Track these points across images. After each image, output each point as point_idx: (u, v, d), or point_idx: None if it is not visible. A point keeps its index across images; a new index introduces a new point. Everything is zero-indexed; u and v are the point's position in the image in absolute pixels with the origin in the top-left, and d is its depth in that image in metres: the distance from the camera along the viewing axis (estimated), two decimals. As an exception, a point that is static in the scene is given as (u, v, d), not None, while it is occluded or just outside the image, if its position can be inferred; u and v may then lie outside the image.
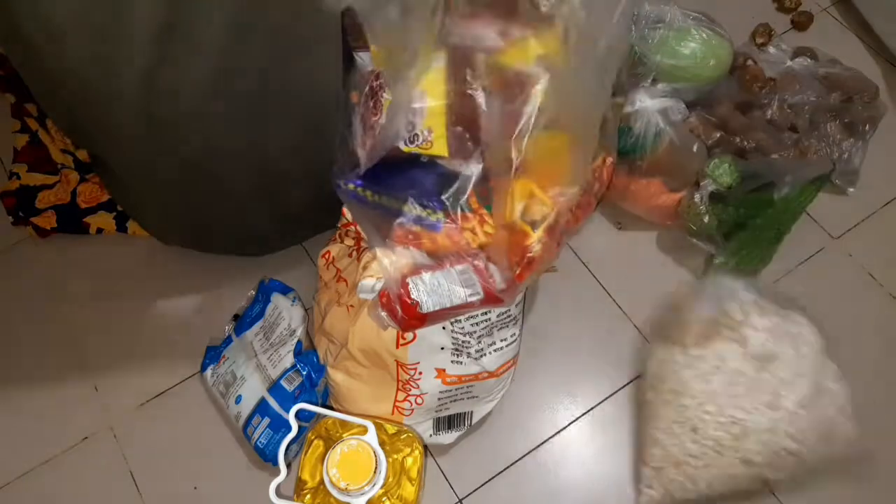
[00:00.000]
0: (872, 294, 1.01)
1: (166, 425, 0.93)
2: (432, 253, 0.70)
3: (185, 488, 0.89)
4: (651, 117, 0.93)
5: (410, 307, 0.67)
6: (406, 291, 0.67)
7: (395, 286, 0.68)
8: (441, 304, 0.67)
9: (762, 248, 0.97)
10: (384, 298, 0.69)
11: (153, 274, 1.02)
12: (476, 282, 0.68)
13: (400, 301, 0.67)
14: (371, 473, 0.68)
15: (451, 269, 0.68)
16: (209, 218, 0.89)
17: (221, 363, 0.91)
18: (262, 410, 0.85)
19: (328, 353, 0.84)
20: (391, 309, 0.68)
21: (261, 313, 0.93)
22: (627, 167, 0.96)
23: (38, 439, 0.92)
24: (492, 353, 0.79)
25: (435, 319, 0.70)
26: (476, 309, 0.71)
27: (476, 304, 0.68)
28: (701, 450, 0.80)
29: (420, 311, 0.67)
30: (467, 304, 0.68)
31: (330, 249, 0.83)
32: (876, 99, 1.08)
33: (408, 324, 0.70)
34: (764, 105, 1.05)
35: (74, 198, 1.05)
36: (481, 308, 0.71)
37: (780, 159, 1.00)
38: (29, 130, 1.10)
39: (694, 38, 0.96)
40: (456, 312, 0.70)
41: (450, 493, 0.89)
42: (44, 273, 1.04)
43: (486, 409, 0.87)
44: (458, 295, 0.68)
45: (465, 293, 0.68)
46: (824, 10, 1.26)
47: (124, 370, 0.96)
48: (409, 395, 0.80)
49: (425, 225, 0.69)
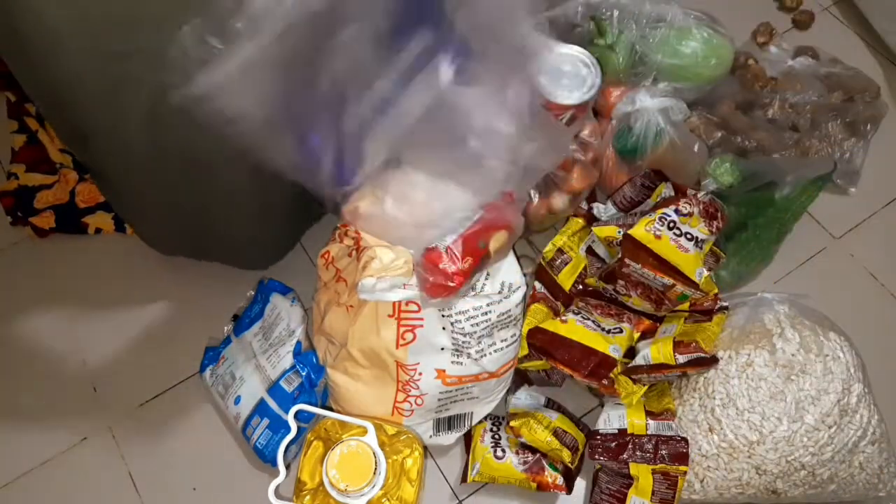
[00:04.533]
0: (874, 294, 1.01)
1: (165, 426, 0.93)
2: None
3: (184, 489, 0.89)
4: (652, 117, 0.93)
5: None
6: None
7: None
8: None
9: (763, 248, 0.97)
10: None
11: (152, 274, 1.02)
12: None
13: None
14: (370, 474, 0.67)
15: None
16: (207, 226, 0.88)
17: (220, 364, 0.90)
18: (261, 411, 0.85)
19: (327, 354, 0.84)
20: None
21: (260, 313, 0.92)
22: (628, 167, 0.95)
23: (36, 440, 0.92)
24: (492, 353, 0.78)
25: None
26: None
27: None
28: (714, 451, 0.80)
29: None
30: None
31: (329, 249, 0.83)
32: (877, 98, 1.08)
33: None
34: (765, 104, 1.05)
35: (73, 198, 1.05)
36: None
37: (782, 159, 0.99)
38: (27, 130, 1.09)
39: (695, 38, 0.96)
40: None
41: (450, 495, 0.88)
42: (42, 273, 1.04)
43: (487, 409, 0.87)
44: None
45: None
46: (825, 9, 1.25)
47: (123, 371, 0.96)
48: (408, 396, 0.80)
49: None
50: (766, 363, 0.81)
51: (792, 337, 0.82)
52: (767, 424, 0.78)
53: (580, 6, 0.97)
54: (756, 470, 0.79)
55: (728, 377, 0.81)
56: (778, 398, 0.79)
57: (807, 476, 0.79)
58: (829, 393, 0.79)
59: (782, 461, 0.78)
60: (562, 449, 0.82)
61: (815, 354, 0.81)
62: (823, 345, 0.82)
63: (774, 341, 0.82)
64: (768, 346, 0.82)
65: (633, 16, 0.94)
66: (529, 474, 0.83)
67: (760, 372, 0.80)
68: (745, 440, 0.79)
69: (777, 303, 0.86)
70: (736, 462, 0.79)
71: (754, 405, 0.79)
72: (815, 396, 0.79)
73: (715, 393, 0.81)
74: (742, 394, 0.80)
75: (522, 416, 0.84)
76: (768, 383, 0.80)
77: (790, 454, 0.78)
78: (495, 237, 0.73)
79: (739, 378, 0.81)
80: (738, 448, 0.79)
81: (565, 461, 0.82)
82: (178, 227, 0.91)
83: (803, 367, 0.80)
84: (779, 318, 0.84)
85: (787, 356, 0.81)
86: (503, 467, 0.84)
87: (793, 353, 0.81)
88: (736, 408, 0.80)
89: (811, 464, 0.78)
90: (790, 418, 0.78)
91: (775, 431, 0.78)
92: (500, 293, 0.75)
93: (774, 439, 0.78)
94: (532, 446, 0.83)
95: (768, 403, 0.79)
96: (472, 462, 0.85)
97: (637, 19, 0.94)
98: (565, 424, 0.85)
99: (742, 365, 0.81)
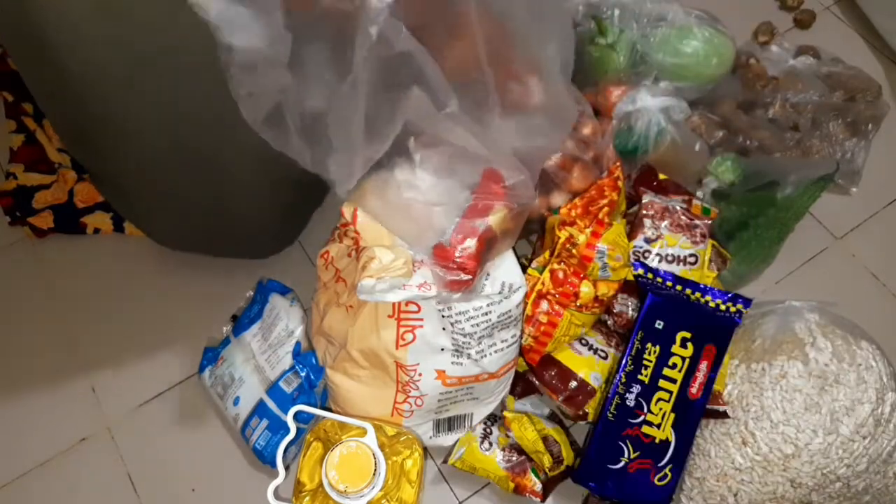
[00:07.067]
0: (875, 294, 1.00)
1: (164, 427, 0.93)
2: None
3: (183, 490, 0.89)
4: (653, 116, 0.93)
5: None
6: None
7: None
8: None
9: (764, 248, 0.96)
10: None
11: (150, 274, 1.02)
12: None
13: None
14: (370, 476, 0.67)
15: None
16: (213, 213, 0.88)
17: (219, 364, 0.90)
18: (260, 412, 0.85)
19: (327, 354, 0.83)
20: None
21: (259, 314, 0.92)
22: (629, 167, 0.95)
23: (35, 440, 0.92)
24: (492, 354, 0.78)
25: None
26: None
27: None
28: (748, 464, 0.78)
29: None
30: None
31: (329, 249, 0.83)
32: (879, 98, 1.08)
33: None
34: (766, 104, 1.05)
35: (72, 197, 1.05)
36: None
37: (784, 158, 0.99)
38: (26, 130, 1.09)
39: (696, 37, 0.96)
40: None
41: (450, 496, 0.88)
42: (41, 273, 1.03)
43: (487, 410, 0.86)
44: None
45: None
46: (827, 8, 1.25)
47: (122, 371, 0.96)
48: (408, 397, 0.79)
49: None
50: (799, 374, 0.79)
51: (824, 346, 0.80)
52: (803, 437, 0.77)
53: (581, 5, 0.97)
54: (791, 483, 0.77)
55: (762, 389, 0.80)
56: (812, 410, 0.77)
57: (842, 488, 0.78)
58: (863, 403, 0.77)
59: (818, 474, 0.77)
60: (545, 453, 0.82)
61: (848, 364, 0.79)
62: (856, 354, 0.80)
63: (807, 351, 0.80)
64: (801, 357, 0.80)
65: (634, 15, 0.94)
66: (511, 474, 0.83)
67: (794, 383, 0.78)
68: (779, 453, 0.77)
69: (807, 311, 0.84)
70: (770, 475, 0.78)
71: (789, 417, 0.78)
72: (849, 407, 0.77)
73: (749, 406, 0.80)
74: (776, 406, 0.78)
75: (519, 414, 0.85)
76: (803, 395, 0.78)
77: (825, 466, 0.76)
78: (495, 216, 0.71)
79: (773, 390, 0.79)
80: (772, 461, 0.77)
81: (545, 466, 0.82)
82: (186, 218, 0.90)
83: (837, 377, 0.78)
84: (810, 326, 0.83)
85: (821, 366, 0.79)
86: (486, 460, 0.83)
87: (826, 362, 0.79)
88: (770, 420, 0.78)
89: (846, 475, 0.77)
90: (825, 430, 0.76)
91: (811, 444, 0.76)
92: (501, 293, 0.75)
93: (810, 452, 0.76)
94: (519, 446, 0.83)
95: (803, 415, 0.77)
96: (458, 447, 0.85)
97: (638, 18, 0.94)
98: (559, 437, 0.85)
99: (776, 377, 0.80)
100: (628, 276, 0.85)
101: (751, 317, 0.87)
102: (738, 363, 0.84)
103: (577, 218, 0.82)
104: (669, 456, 0.79)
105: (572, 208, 0.83)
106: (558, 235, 0.82)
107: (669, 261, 0.85)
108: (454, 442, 0.87)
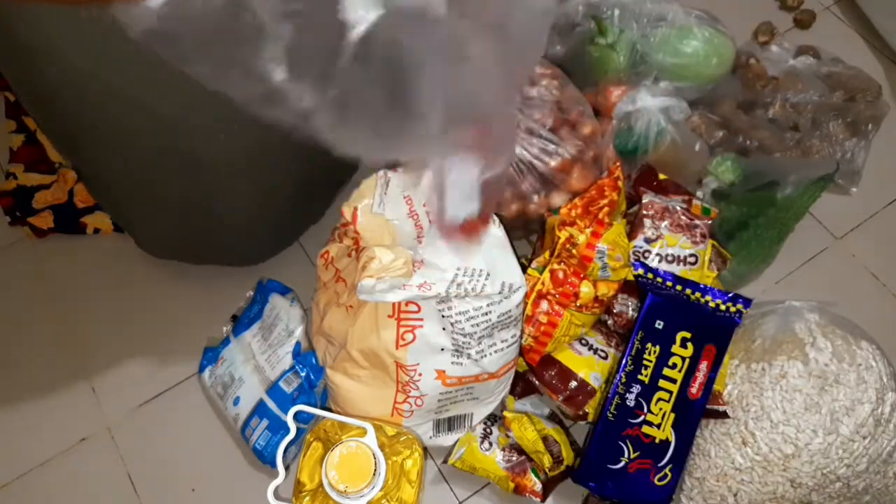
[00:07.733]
0: (875, 294, 1.00)
1: (164, 427, 0.93)
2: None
3: (183, 490, 0.89)
4: (653, 116, 0.93)
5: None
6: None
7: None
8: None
9: (764, 248, 0.96)
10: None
11: (150, 274, 1.02)
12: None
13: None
14: (370, 476, 0.67)
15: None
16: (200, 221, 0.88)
17: (219, 364, 0.90)
18: (260, 412, 0.85)
19: (327, 354, 0.83)
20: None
21: (259, 314, 0.92)
22: (629, 167, 0.95)
23: (35, 440, 0.92)
24: (492, 353, 0.78)
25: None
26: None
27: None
28: (748, 464, 0.78)
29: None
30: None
31: (329, 249, 0.83)
32: (879, 98, 1.08)
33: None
34: (766, 104, 1.05)
35: (72, 198, 1.05)
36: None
37: (784, 158, 0.99)
38: (26, 130, 1.09)
39: (696, 37, 0.96)
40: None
41: (450, 496, 0.88)
42: (41, 273, 1.03)
43: (487, 410, 0.86)
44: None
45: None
46: (827, 8, 1.25)
47: (122, 371, 0.96)
48: (408, 397, 0.79)
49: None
50: (799, 374, 0.79)
51: (824, 346, 0.80)
52: (803, 437, 0.77)
53: (581, 5, 0.97)
54: (791, 483, 0.77)
55: (762, 389, 0.79)
56: (812, 410, 0.77)
57: (842, 488, 0.78)
58: (863, 403, 0.77)
59: (818, 474, 0.77)
60: (544, 453, 0.82)
61: (849, 364, 0.79)
62: (856, 354, 0.80)
63: (807, 351, 0.80)
64: (801, 357, 0.80)
65: (634, 15, 0.94)
66: (511, 474, 0.83)
67: (795, 383, 0.78)
68: (779, 453, 0.77)
69: (807, 311, 0.84)
70: (771, 475, 0.78)
71: (789, 417, 0.78)
72: (849, 407, 0.77)
73: (749, 406, 0.80)
74: (776, 406, 0.78)
75: (519, 414, 0.84)
76: (803, 395, 0.78)
77: (826, 466, 0.76)
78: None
79: (773, 390, 0.79)
80: (772, 461, 0.77)
81: (545, 466, 0.82)
82: (174, 228, 0.90)
83: (837, 377, 0.78)
84: (810, 326, 0.83)
85: (821, 366, 0.79)
86: (486, 460, 0.83)
87: (826, 362, 0.79)
88: (770, 420, 0.78)
89: (846, 475, 0.77)
90: (825, 430, 0.76)
91: (811, 444, 0.76)
92: (501, 293, 0.75)
93: (810, 452, 0.76)
94: (519, 446, 0.83)
95: (803, 415, 0.77)
96: (458, 447, 0.85)
97: (638, 18, 0.94)
98: (559, 437, 0.85)
99: (776, 377, 0.80)
100: (628, 276, 0.84)
101: (751, 317, 0.87)
102: (738, 363, 0.84)
103: (577, 218, 0.82)
104: (669, 456, 0.79)
105: (572, 208, 0.82)
106: (558, 235, 0.82)
107: (669, 261, 0.85)
108: (454, 442, 0.87)
